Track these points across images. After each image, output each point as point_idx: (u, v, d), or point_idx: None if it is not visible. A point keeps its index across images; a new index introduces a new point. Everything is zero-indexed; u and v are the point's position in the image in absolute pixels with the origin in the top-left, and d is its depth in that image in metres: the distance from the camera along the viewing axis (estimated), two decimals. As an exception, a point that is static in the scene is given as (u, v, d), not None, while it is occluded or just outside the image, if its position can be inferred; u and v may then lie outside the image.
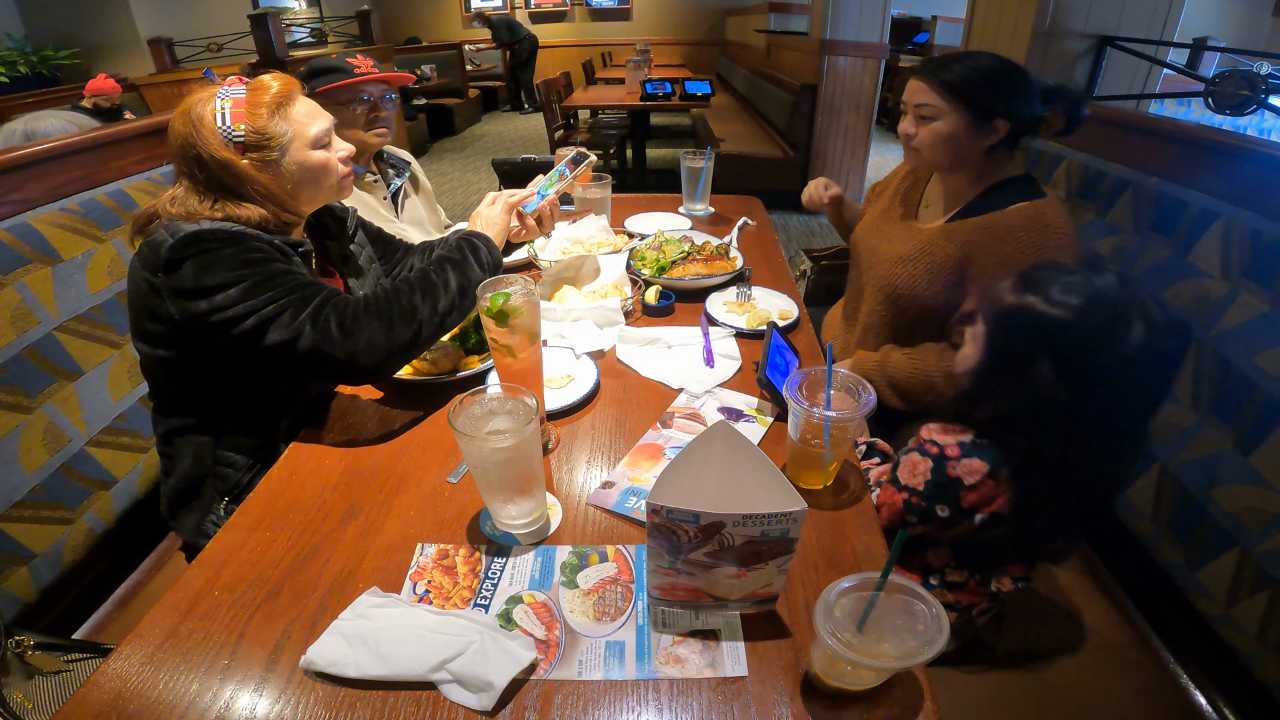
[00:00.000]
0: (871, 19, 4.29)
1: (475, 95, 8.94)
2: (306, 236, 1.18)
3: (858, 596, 0.59)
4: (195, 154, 0.94)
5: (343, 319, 0.92)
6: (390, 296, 0.97)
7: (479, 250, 1.10)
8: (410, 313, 0.96)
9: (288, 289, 0.92)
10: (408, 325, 0.96)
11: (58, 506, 1.14)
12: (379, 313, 0.94)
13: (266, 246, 0.94)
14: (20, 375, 1.09)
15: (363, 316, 0.93)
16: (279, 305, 0.91)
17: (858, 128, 4.50)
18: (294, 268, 0.96)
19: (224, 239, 0.91)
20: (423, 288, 1.00)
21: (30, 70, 6.46)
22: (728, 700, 0.62)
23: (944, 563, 0.96)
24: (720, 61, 8.98)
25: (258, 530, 0.82)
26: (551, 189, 1.31)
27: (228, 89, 0.97)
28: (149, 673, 0.64)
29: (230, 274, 0.90)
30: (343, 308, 0.93)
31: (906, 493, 0.87)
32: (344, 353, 0.92)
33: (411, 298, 0.98)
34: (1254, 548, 0.99)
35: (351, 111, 1.58)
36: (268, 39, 4.30)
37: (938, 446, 0.85)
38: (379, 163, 1.77)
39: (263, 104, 0.96)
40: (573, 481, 0.91)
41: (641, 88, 4.59)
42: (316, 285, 0.95)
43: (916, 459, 0.87)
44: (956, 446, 0.84)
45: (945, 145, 1.21)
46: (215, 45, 7.51)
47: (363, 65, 1.60)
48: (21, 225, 1.14)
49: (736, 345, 1.21)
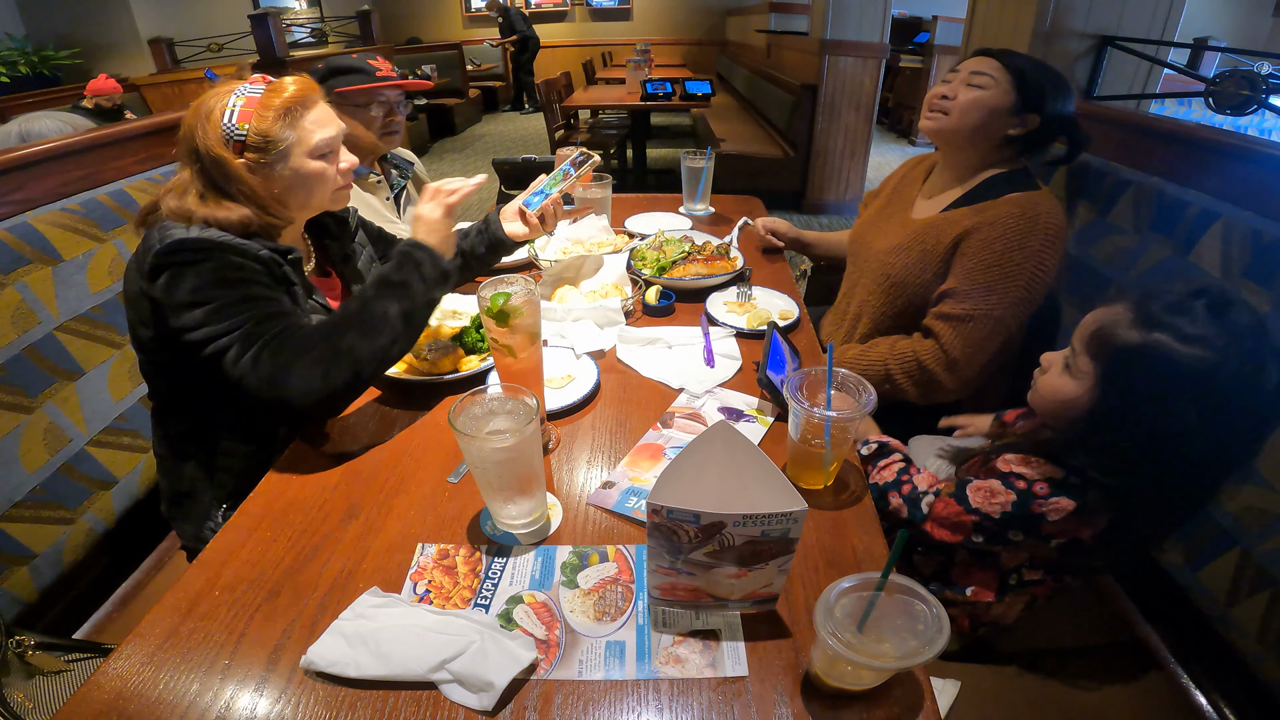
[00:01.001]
0: (872, 19, 4.29)
1: (475, 95, 8.94)
2: (306, 237, 1.18)
3: (858, 596, 0.59)
4: (194, 146, 0.94)
5: (276, 363, 0.89)
6: (327, 335, 0.92)
7: (422, 265, 1.01)
8: (347, 353, 0.92)
9: (243, 321, 0.90)
10: (346, 367, 0.91)
11: (58, 506, 1.14)
12: (316, 357, 0.90)
13: (247, 262, 0.92)
14: (20, 375, 1.09)
15: (297, 362, 0.89)
16: (230, 338, 0.89)
17: (858, 128, 4.50)
18: (265, 291, 0.93)
19: (203, 250, 0.89)
20: (361, 323, 0.94)
21: (30, 70, 6.46)
22: (728, 700, 0.62)
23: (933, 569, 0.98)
24: (720, 61, 8.97)
25: (258, 530, 0.82)
26: (555, 188, 1.30)
27: (247, 87, 0.97)
28: (149, 673, 0.64)
29: (197, 294, 0.89)
30: (278, 350, 0.90)
31: (978, 515, 0.84)
32: (279, 396, 0.89)
33: (347, 336, 0.93)
34: (1254, 548, 0.99)
35: (367, 114, 1.60)
36: (268, 39, 4.30)
37: (1025, 481, 0.82)
38: (383, 164, 1.78)
39: (272, 106, 0.96)
40: (573, 481, 0.91)
41: (642, 88, 4.59)
42: (271, 321, 0.91)
43: (997, 487, 0.83)
44: (1045, 484, 0.80)
45: (980, 113, 1.23)
46: (215, 45, 7.50)
47: (383, 68, 1.61)
48: (22, 225, 1.14)
49: (737, 345, 1.21)
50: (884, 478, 0.93)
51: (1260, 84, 1.61)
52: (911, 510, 0.89)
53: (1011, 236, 1.17)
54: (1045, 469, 0.82)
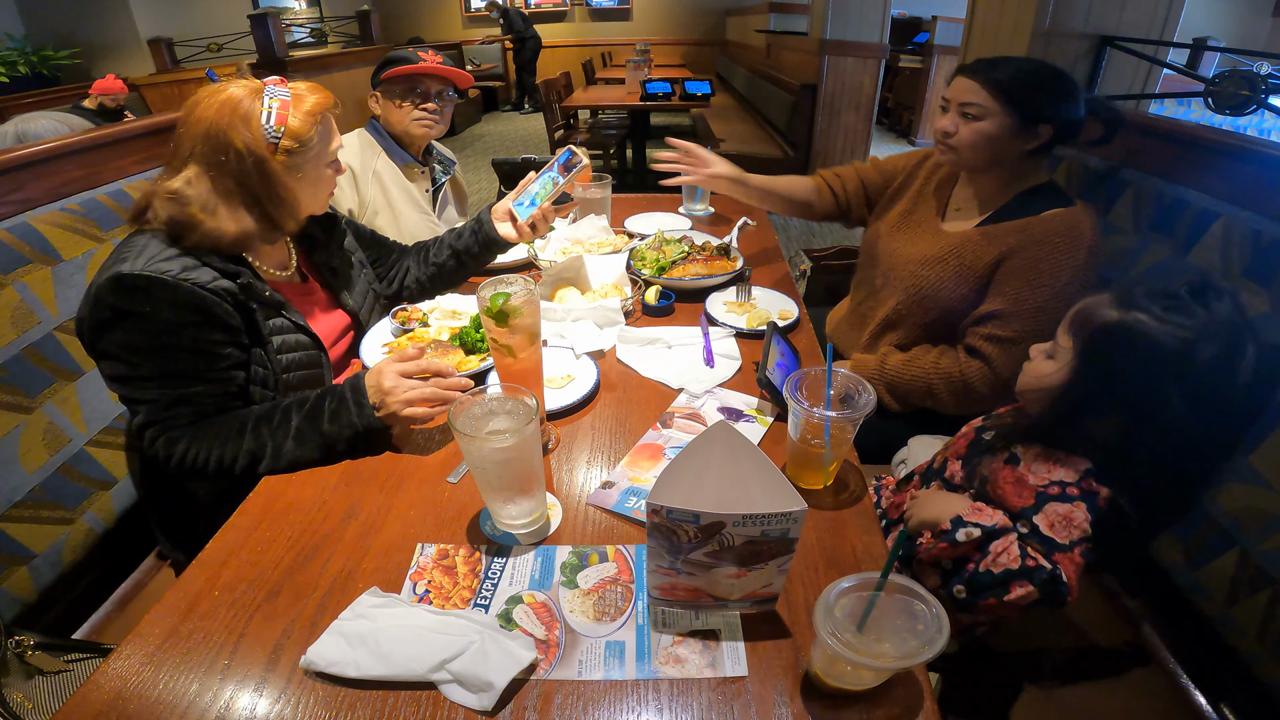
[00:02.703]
0: (871, 19, 4.30)
1: (475, 95, 8.93)
2: (290, 243, 1.17)
3: (858, 596, 0.59)
4: (231, 147, 0.94)
5: (170, 450, 0.93)
6: (226, 437, 0.93)
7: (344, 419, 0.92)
8: (246, 453, 0.92)
9: (155, 398, 0.92)
10: (243, 465, 0.92)
11: (58, 506, 1.14)
12: (217, 453, 0.92)
13: (180, 316, 0.89)
14: (20, 375, 1.09)
15: (190, 452, 0.92)
16: (139, 408, 0.93)
17: (857, 127, 4.51)
18: (186, 361, 0.92)
19: (140, 294, 0.87)
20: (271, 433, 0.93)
21: (30, 70, 6.45)
22: (728, 700, 0.62)
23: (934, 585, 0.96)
24: (720, 61, 8.97)
25: (258, 530, 0.82)
26: (544, 197, 1.31)
27: (274, 89, 0.98)
28: (149, 673, 0.64)
29: (121, 351, 0.90)
30: (175, 440, 0.93)
31: (1081, 547, 0.77)
32: (174, 473, 0.94)
33: (252, 438, 0.92)
34: (1254, 548, 0.99)
35: (405, 101, 1.63)
36: (268, 39, 4.30)
37: (1076, 487, 0.79)
38: (428, 156, 1.80)
39: (304, 110, 0.99)
40: (573, 481, 0.91)
41: (641, 88, 4.60)
42: (178, 407, 0.93)
43: (1064, 509, 0.79)
44: (1089, 478, 0.79)
45: (987, 145, 1.20)
46: (215, 45, 7.50)
47: (429, 59, 1.64)
48: (21, 225, 1.14)
49: (736, 345, 1.21)
50: (1004, 564, 0.77)
51: (1259, 84, 1.61)
52: (1054, 594, 0.76)
53: (1058, 256, 1.14)
54: (1072, 465, 0.81)
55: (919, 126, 6.85)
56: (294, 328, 1.06)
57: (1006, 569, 0.76)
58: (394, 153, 1.70)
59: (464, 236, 1.36)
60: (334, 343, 1.19)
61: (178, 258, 0.91)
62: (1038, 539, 0.79)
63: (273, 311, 1.03)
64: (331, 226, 1.23)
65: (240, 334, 0.97)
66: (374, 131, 1.70)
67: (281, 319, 1.04)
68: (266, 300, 1.01)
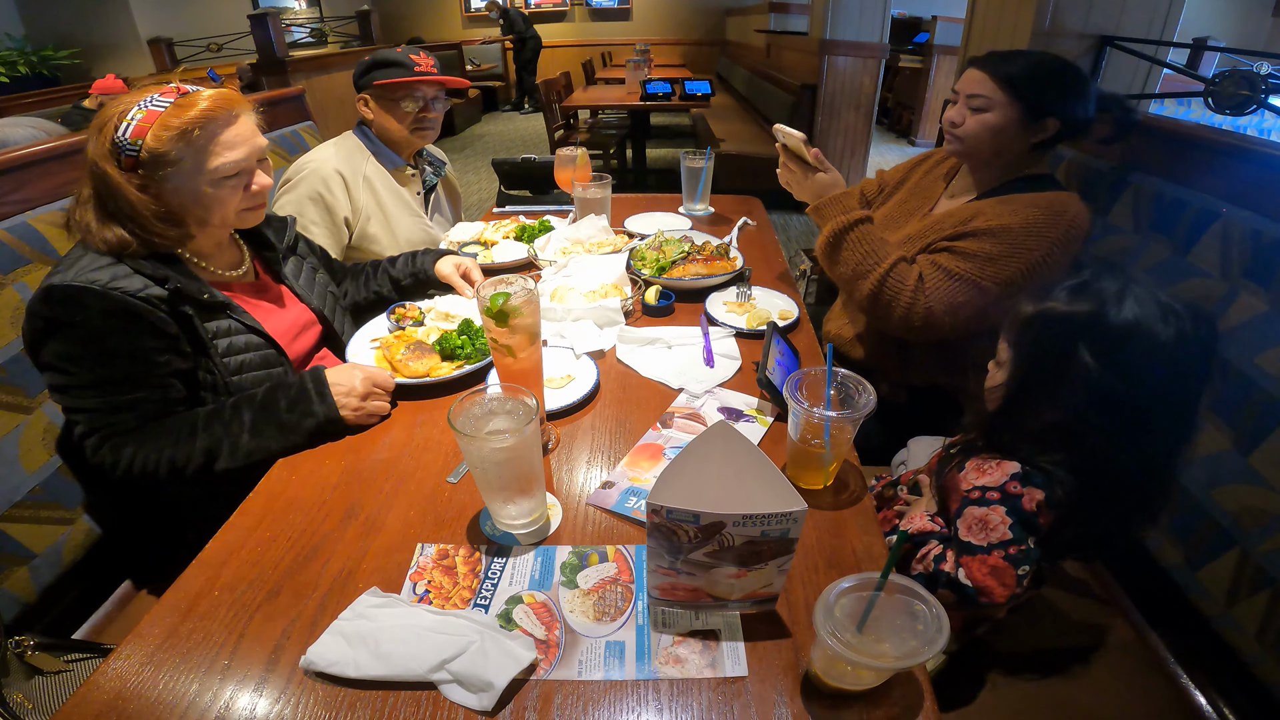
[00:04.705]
0: (871, 19, 4.30)
1: (475, 95, 8.92)
2: (242, 244, 1.16)
3: (858, 596, 0.59)
4: (86, 156, 0.92)
5: (116, 456, 0.94)
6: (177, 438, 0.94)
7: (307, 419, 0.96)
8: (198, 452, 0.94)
9: (94, 407, 0.93)
10: (196, 464, 0.94)
11: (58, 506, 1.14)
12: (165, 455, 0.94)
13: (111, 325, 0.89)
14: (20, 375, 1.09)
15: (138, 457, 0.94)
16: (79, 417, 0.95)
17: (858, 127, 4.51)
18: (124, 366, 0.92)
19: (72, 303, 0.87)
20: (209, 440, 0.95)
21: (30, 70, 6.45)
22: (728, 700, 0.62)
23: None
24: (720, 61, 8.97)
25: (258, 530, 0.82)
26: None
27: (155, 98, 0.93)
28: (149, 673, 0.64)
29: (59, 361, 0.91)
30: (120, 445, 0.94)
31: (1000, 550, 0.77)
32: (123, 480, 0.95)
33: (194, 442, 0.94)
34: (1254, 548, 0.99)
35: (402, 109, 1.62)
36: (267, 39, 4.29)
37: (996, 491, 0.80)
38: (418, 159, 1.80)
39: (173, 125, 0.91)
40: (573, 481, 0.91)
41: (641, 88, 4.59)
42: (120, 414, 0.94)
43: (980, 513, 0.80)
44: (1014, 481, 0.80)
45: (992, 137, 1.21)
46: (215, 45, 7.49)
47: (424, 64, 1.62)
48: (21, 225, 1.14)
49: (736, 345, 1.21)
50: (918, 570, 0.85)
51: (1259, 84, 1.60)
52: (962, 596, 0.78)
53: (1031, 222, 1.15)
54: (1001, 469, 0.82)
55: (919, 126, 6.84)
56: (243, 329, 1.05)
57: (920, 574, 0.83)
58: (383, 156, 1.67)
59: (398, 265, 1.43)
60: (293, 339, 1.17)
61: (109, 266, 0.91)
62: (956, 544, 0.82)
63: (216, 314, 1.02)
64: (282, 228, 1.22)
65: (179, 340, 0.96)
66: (362, 135, 1.67)
67: (228, 320, 1.03)
68: (204, 303, 0.99)
